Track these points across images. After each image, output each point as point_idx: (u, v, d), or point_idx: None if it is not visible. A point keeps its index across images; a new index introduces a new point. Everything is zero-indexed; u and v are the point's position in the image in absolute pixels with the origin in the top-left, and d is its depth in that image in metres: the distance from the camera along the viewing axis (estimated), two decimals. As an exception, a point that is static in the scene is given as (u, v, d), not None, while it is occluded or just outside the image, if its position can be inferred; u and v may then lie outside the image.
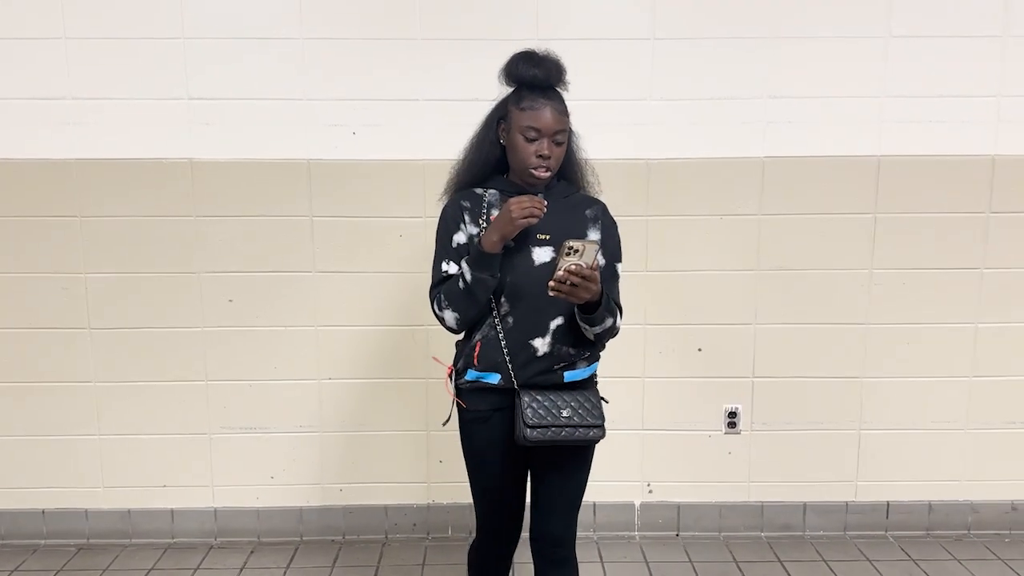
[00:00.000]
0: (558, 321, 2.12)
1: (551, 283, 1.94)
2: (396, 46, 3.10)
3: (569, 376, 2.17)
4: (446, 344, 3.20)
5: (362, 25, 3.09)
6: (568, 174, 2.25)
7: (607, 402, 2.22)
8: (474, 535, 2.37)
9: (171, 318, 3.24)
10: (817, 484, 3.41)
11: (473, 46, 3.10)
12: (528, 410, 2.08)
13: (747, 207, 3.22)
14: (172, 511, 3.38)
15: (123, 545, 3.37)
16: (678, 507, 3.42)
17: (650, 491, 3.41)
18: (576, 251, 1.92)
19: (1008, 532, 3.43)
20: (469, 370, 2.18)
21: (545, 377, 2.14)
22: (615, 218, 2.27)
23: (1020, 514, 3.43)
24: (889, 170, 3.19)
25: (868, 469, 3.39)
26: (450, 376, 2.27)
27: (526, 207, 2.00)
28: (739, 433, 3.37)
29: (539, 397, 2.10)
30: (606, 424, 2.15)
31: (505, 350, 2.13)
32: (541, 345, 2.12)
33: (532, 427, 2.07)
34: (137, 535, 3.39)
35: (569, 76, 2.15)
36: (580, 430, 2.10)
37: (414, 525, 3.42)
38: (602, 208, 2.26)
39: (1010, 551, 3.31)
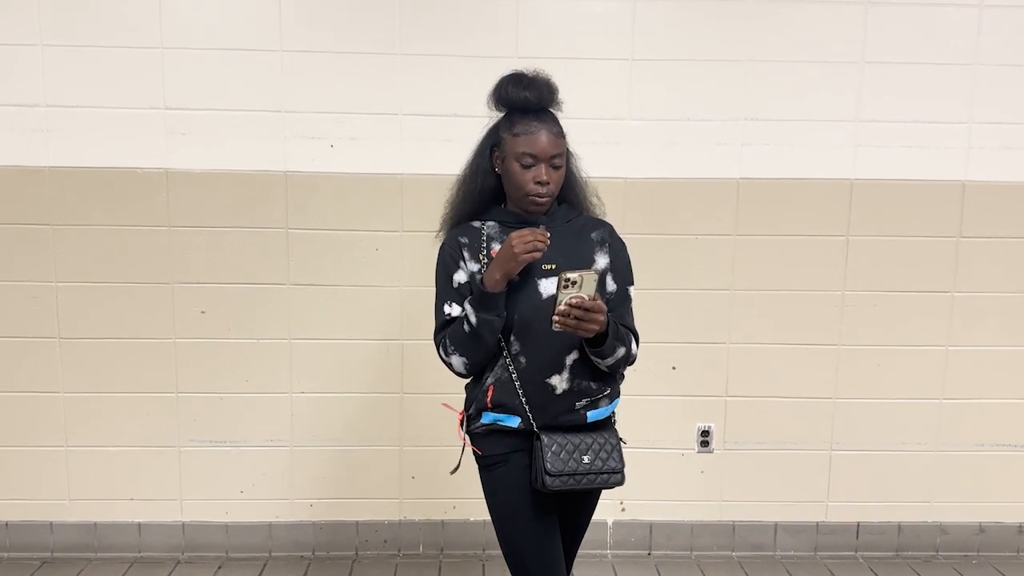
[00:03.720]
0: (574, 356, 2.01)
1: (554, 318, 1.85)
2: (376, 60, 3.11)
3: (593, 416, 2.07)
4: (420, 359, 3.22)
5: (341, 38, 3.09)
6: (569, 197, 2.14)
7: (625, 443, 2.13)
8: None
9: (142, 329, 3.21)
10: (788, 504, 3.43)
11: (453, 63, 3.11)
12: (549, 454, 1.97)
13: (722, 227, 3.25)
14: (139, 524, 3.33)
15: (88, 559, 3.32)
16: (650, 525, 3.42)
17: (623, 509, 3.41)
18: (574, 283, 1.83)
19: (976, 553, 3.46)
20: (485, 413, 2.06)
21: (568, 417, 2.03)
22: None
23: (988, 535, 3.46)
24: (862, 193, 3.23)
25: (839, 489, 3.41)
26: (461, 423, 2.13)
27: (528, 241, 1.89)
28: (712, 452, 3.38)
29: (559, 440, 2.00)
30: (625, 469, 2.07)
31: (520, 391, 2.01)
32: (559, 383, 2.01)
33: (554, 475, 1.96)
34: (103, 548, 3.34)
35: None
36: (601, 477, 2.02)
37: (385, 542, 3.39)
38: (609, 230, 2.14)
39: (978, 572, 3.33)
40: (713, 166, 3.20)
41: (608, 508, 3.38)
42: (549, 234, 1.95)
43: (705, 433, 3.37)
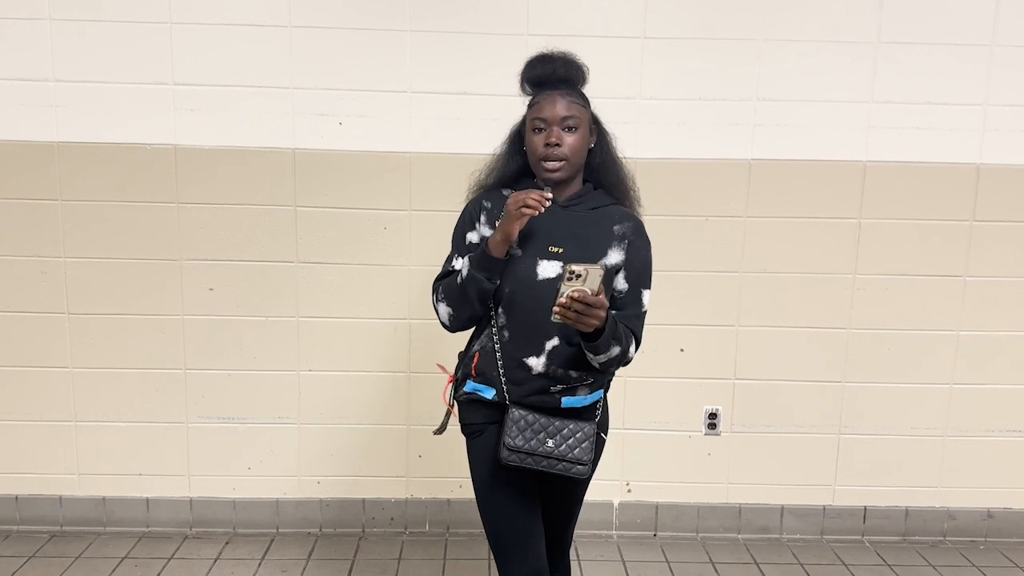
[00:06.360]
0: (554, 342, 1.98)
1: (554, 309, 1.81)
2: (385, 37, 3.08)
3: (567, 402, 2.03)
4: (428, 339, 3.22)
5: (351, 15, 3.07)
6: (604, 179, 2.10)
7: (605, 437, 2.11)
8: None
9: (151, 305, 3.22)
10: (795, 487, 3.42)
11: (463, 39, 3.09)
12: (513, 429, 1.96)
13: (733, 209, 3.22)
14: (147, 500, 3.35)
15: (97, 533, 3.34)
16: (656, 507, 3.42)
17: (629, 490, 3.41)
18: (579, 276, 1.78)
19: (983, 539, 3.45)
20: (468, 381, 2.08)
21: (540, 399, 2.00)
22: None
23: (996, 521, 3.45)
24: (875, 176, 3.20)
25: (846, 473, 3.40)
26: (451, 386, 2.16)
27: (520, 198, 1.87)
28: (719, 434, 3.38)
29: (528, 417, 1.98)
30: (598, 461, 2.05)
31: (500, 363, 2.01)
32: (536, 364, 1.99)
33: (511, 450, 1.95)
34: (111, 523, 3.36)
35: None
36: (562, 464, 1.98)
37: (391, 519, 3.40)
38: (634, 226, 2.07)
39: (985, 558, 3.32)
40: (725, 146, 3.17)
41: (614, 489, 3.39)
42: (550, 195, 1.91)
43: (713, 416, 3.36)
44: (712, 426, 3.37)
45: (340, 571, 3.12)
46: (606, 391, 2.15)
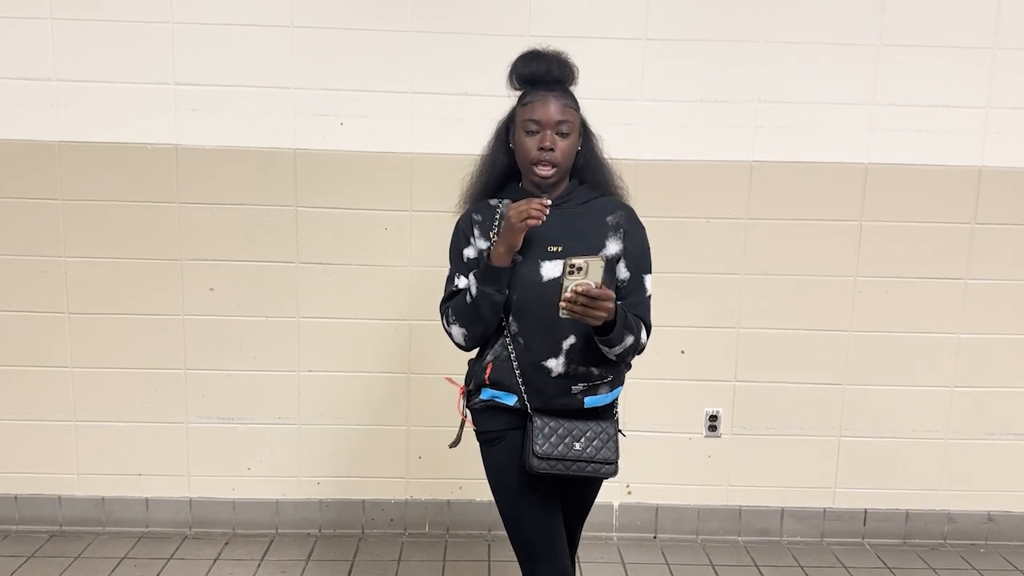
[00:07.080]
0: (571, 340, 1.97)
1: (561, 304, 1.82)
2: (387, 37, 3.08)
3: (590, 402, 2.03)
4: (430, 340, 3.21)
5: (352, 15, 3.07)
6: (590, 178, 2.11)
7: (624, 435, 2.12)
8: None
9: (151, 305, 3.21)
10: (796, 490, 3.41)
11: (465, 40, 3.09)
12: (540, 437, 1.96)
13: (734, 211, 3.22)
14: (147, 500, 3.35)
15: (96, 533, 3.34)
16: (656, 509, 3.41)
17: (629, 492, 3.41)
18: (580, 269, 1.79)
19: (984, 542, 3.44)
20: (484, 389, 2.06)
21: (563, 401, 2.01)
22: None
23: (996, 524, 3.44)
24: (876, 178, 3.20)
25: (847, 476, 3.40)
26: (463, 397, 2.14)
27: (523, 210, 1.87)
28: (720, 436, 3.37)
29: (552, 423, 1.98)
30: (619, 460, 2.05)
31: (518, 371, 2.00)
32: (555, 366, 1.98)
33: (541, 458, 1.95)
34: (111, 523, 3.36)
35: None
36: (592, 466, 1.98)
37: (391, 520, 3.39)
38: (626, 214, 2.09)
39: (985, 561, 3.32)
40: (726, 148, 3.17)
41: (614, 491, 3.38)
42: (549, 202, 1.92)
43: (713, 418, 3.35)
44: (712, 428, 3.36)
45: (340, 572, 3.12)
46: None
